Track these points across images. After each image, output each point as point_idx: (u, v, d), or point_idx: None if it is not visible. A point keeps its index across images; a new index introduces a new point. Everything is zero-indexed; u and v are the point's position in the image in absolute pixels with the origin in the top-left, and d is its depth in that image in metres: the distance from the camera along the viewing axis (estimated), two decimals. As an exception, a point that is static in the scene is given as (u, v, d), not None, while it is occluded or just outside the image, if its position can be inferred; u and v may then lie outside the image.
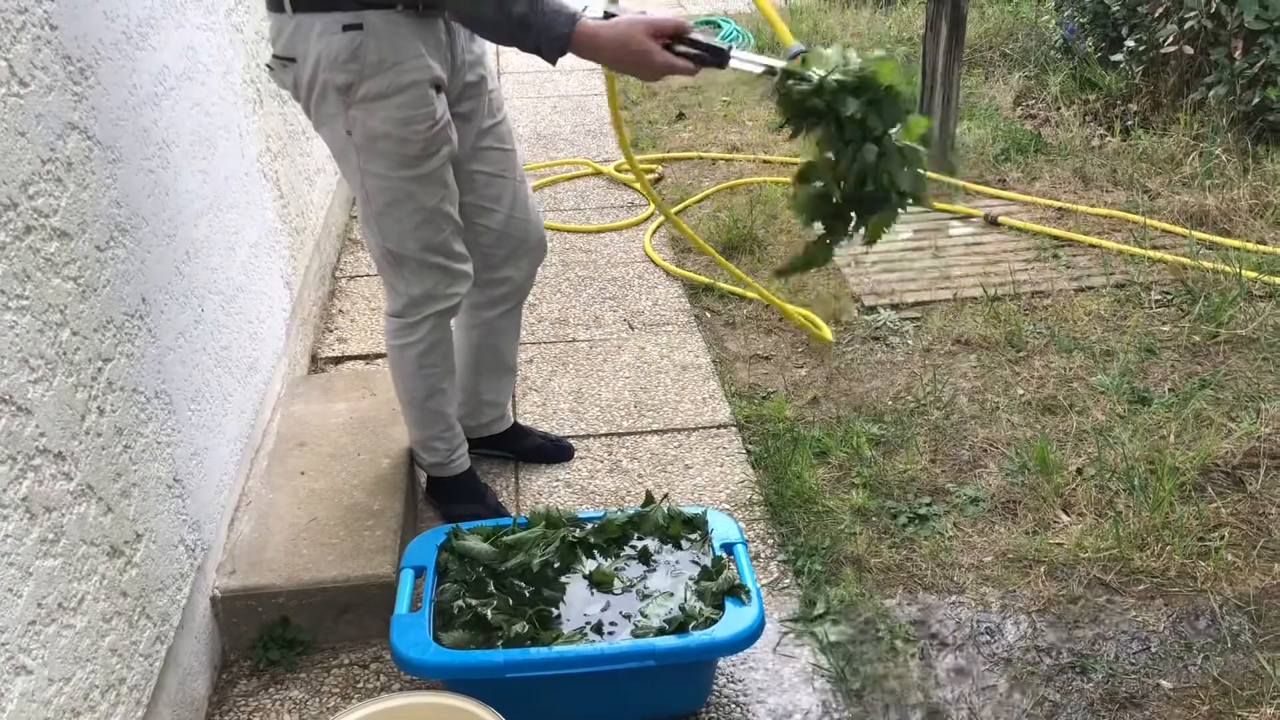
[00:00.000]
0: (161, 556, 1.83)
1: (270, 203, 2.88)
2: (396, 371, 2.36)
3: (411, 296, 2.24)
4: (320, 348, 3.35)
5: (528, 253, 2.43)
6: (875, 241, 1.90)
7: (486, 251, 2.37)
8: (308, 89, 2.01)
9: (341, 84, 1.97)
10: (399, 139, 2.02)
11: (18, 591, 1.34)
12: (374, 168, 2.07)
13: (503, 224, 2.34)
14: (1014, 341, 3.23)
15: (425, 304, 2.25)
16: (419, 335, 2.28)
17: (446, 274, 2.23)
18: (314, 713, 2.03)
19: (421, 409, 2.39)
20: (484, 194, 2.30)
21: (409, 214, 2.13)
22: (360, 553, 2.21)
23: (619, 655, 1.85)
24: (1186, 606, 2.23)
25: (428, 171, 2.08)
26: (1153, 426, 2.78)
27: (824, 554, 2.41)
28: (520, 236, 2.39)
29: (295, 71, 2.00)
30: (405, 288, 2.24)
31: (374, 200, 2.12)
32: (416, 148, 2.02)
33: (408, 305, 2.26)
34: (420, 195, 2.11)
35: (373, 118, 2.00)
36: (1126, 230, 3.92)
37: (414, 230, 2.15)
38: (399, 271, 2.22)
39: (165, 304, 1.96)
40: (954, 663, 2.13)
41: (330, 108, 2.02)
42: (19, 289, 1.41)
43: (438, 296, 2.24)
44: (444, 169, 2.12)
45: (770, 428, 2.89)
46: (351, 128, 2.03)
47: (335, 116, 2.03)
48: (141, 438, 1.79)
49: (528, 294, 2.52)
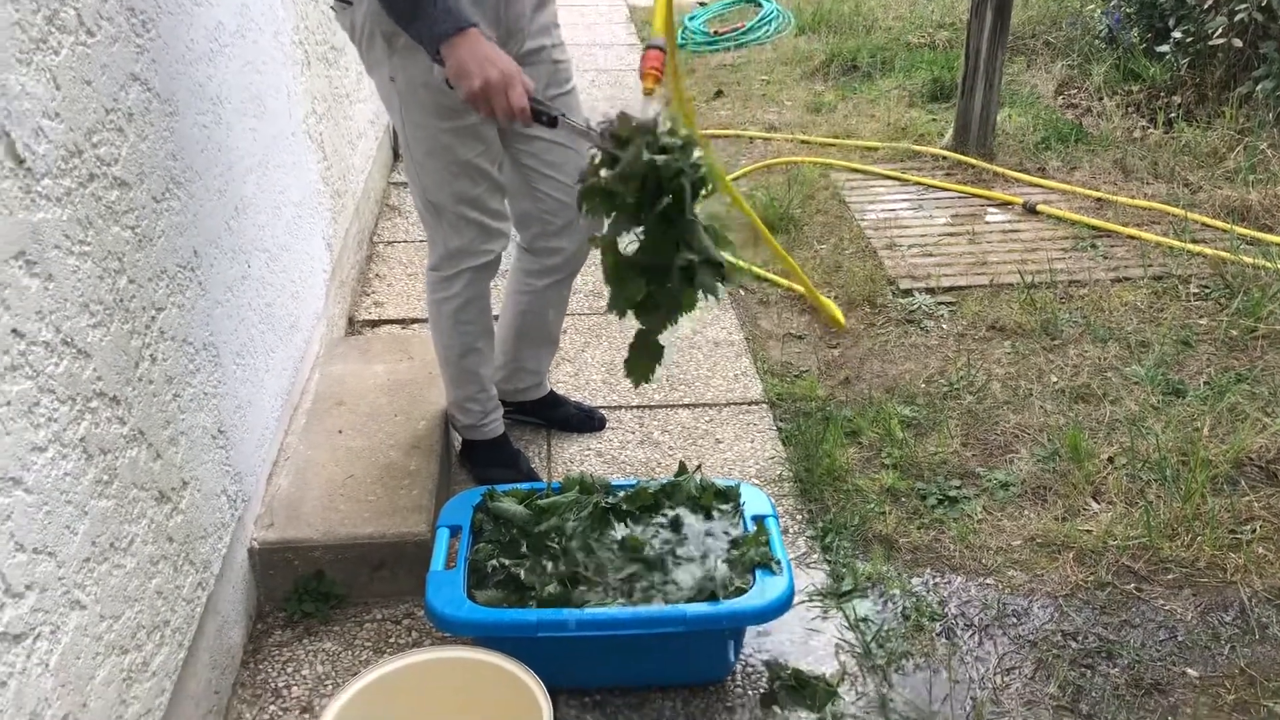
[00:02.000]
0: (205, 505, 1.87)
1: (314, 164, 2.91)
2: (434, 327, 2.40)
3: (449, 249, 2.28)
4: (357, 311, 3.39)
5: (584, 227, 2.44)
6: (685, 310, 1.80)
7: (545, 218, 2.40)
8: (360, 32, 2.07)
9: (386, 31, 2.01)
10: (437, 89, 2.05)
11: (74, 529, 1.37)
12: (414, 116, 2.12)
13: (562, 193, 2.35)
14: (1049, 329, 3.23)
15: (461, 258, 2.29)
16: (455, 290, 2.32)
17: (483, 230, 2.26)
18: (346, 665, 2.07)
19: (457, 367, 2.42)
20: (544, 159, 2.32)
21: (445, 165, 2.16)
22: (396, 511, 2.24)
23: (649, 620, 1.87)
24: (1215, 597, 2.23)
25: (466, 125, 2.11)
26: (1186, 418, 2.78)
27: (853, 531, 2.43)
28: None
29: (352, 14, 2.07)
30: (443, 240, 2.28)
31: (414, 148, 2.17)
32: (454, 99, 2.03)
33: (444, 258, 2.30)
34: (457, 148, 2.14)
35: (414, 66, 2.04)
36: (1166, 223, 3.90)
37: (450, 181, 2.18)
38: (438, 223, 2.26)
39: (215, 258, 1.99)
40: (979, 643, 2.14)
41: (377, 53, 2.07)
42: (82, 235, 1.43)
43: (473, 252, 2.28)
44: (484, 125, 2.14)
45: (802, 406, 2.90)
46: (395, 74, 2.08)
47: (381, 62, 2.09)
48: (190, 387, 1.82)
49: (579, 268, 2.53)
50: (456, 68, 1.88)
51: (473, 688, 1.75)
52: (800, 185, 4.23)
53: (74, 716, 1.35)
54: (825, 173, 4.46)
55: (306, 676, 2.05)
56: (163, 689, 1.64)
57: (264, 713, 1.97)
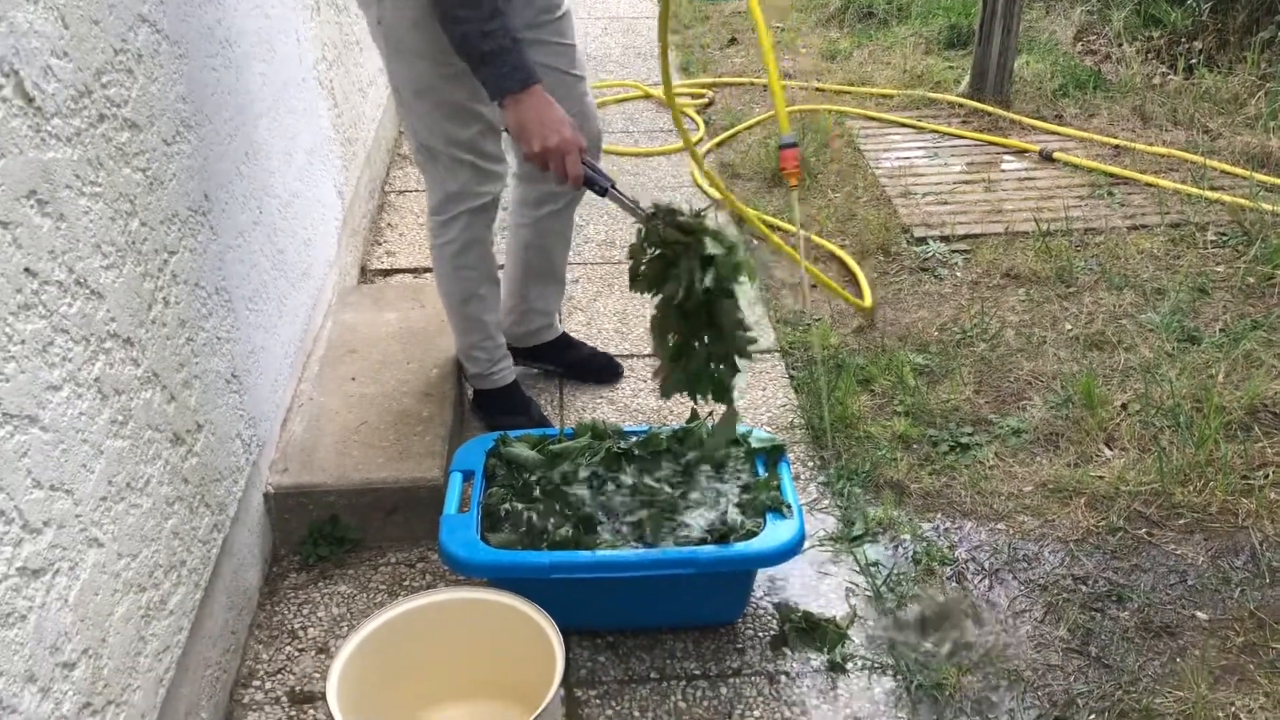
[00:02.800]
0: (220, 448, 1.89)
1: (325, 111, 2.89)
2: (436, 272, 2.41)
3: (447, 192, 2.27)
4: (369, 260, 3.39)
5: None
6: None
7: None
8: None
9: None
10: (428, 32, 2.02)
11: (90, 468, 1.39)
12: (404, 58, 2.11)
13: None
14: (1064, 277, 3.21)
15: (458, 200, 2.28)
16: (453, 234, 2.31)
17: (477, 172, 2.25)
18: (361, 607, 2.09)
19: (460, 313, 2.43)
20: None
21: (434, 106, 2.15)
22: (409, 456, 2.26)
23: (661, 562, 1.88)
24: (1226, 542, 2.23)
25: (457, 70, 2.07)
26: (1201, 365, 2.76)
27: (864, 477, 2.43)
28: None
29: None
30: (439, 184, 2.27)
31: (403, 91, 2.16)
32: (444, 43, 1.99)
33: (441, 201, 2.29)
34: (445, 89, 2.12)
35: (404, 7, 2.03)
36: (1184, 170, 3.85)
37: (440, 122, 2.17)
38: (434, 166, 2.25)
39: (226, 202, 1.99)
40: (990, 587, 2.15)
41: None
42: (92, 176, 1.43)
43: (468, 194, 2.27)
44: None
45: (814, 354, 2.89)
46: (383, 16, 2.07)
47: (370, 4, 2.08)
48: (203, 331, 1.83)
49: (579, 197, 2.52)
50: (518, 125, 1.93)
51: (487, 628, 1.77)
52: (815, 133, 4.19)
53: (94, 651, 1.37)
54: (840, 120, 4.42)
55: (322, 618, 2.07)
56: (180, 627, 1.66)
57: (280, 653, 1.99)
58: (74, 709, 1.31)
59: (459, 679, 1.81)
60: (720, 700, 1.89)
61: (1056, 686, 1.91)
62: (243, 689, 1.92)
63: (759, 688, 1.91)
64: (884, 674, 1.94)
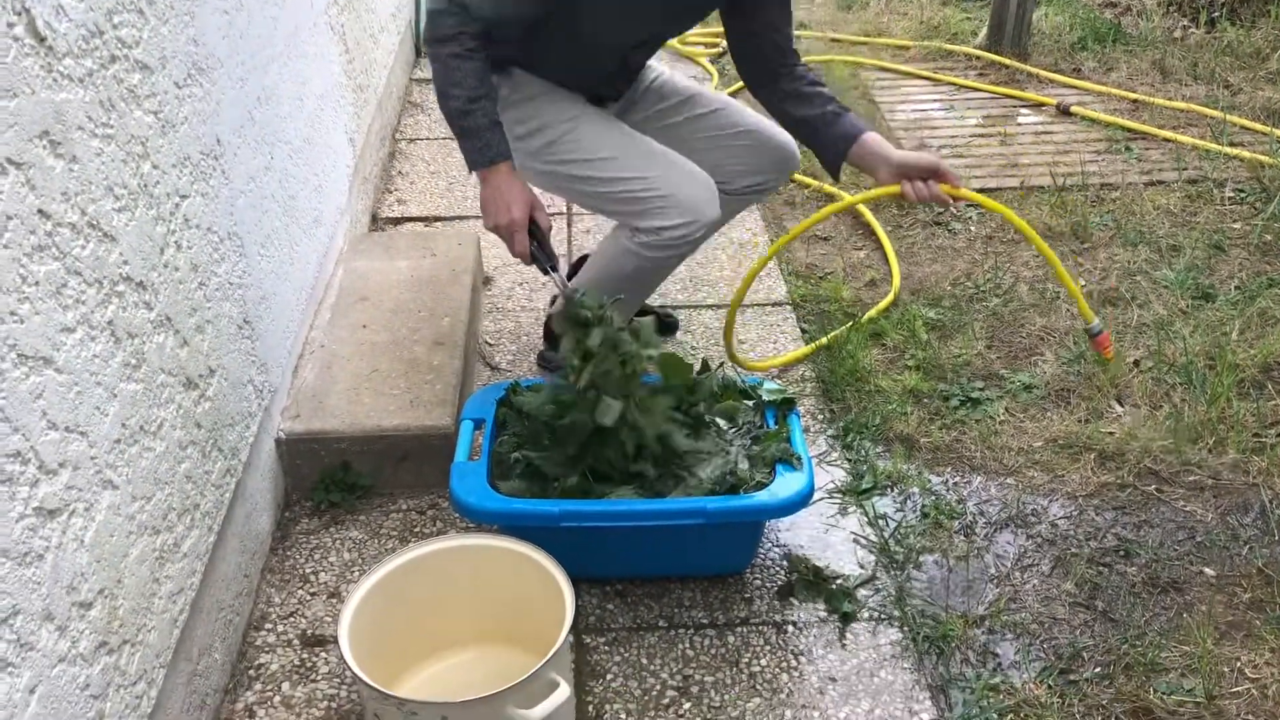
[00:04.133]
0: (232, 394, 1.89)
1: (336, 56, 2.87)
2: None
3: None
4: (380, 208, 3.38)
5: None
6: None
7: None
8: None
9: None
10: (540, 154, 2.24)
11: (104, 410, 1.39)
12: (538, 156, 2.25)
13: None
14: (1079, 233, 3.18)
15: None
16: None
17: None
18: (372, 552, 2.11)
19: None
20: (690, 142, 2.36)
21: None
22: (420, 404, 2.26)
23: (670, 512, 1.89)
24: (1236, 499, 2.24)
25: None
26: (1215, 323, 2.75)
27: (874, 431, 2.43)
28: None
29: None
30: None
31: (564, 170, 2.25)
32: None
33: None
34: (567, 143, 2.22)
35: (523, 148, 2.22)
36: (1203, 125, 3.81)
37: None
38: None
39: (238, 147, 1.97)
40: (998, 540, 2.16)
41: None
42: (104, 117, 1.42)
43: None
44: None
45: (825, 307, 2.89)
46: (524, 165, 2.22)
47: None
48: (215, 276, 1.82)
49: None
50: (482, 200, 2.08)
51: (497, 574, 1.79)
52: (830, 84, 4.14)
53: (109, 592, 1.38)
54: (855, 72, 4.37)
55: (334, 563, 2.09)
56: (194, 570, 1.68)
57: (292, 597, 2.01)
58: (90, 647, 1.33)
59: (469, 624, 1.83)
60: (728, 649, 1.90)
61: (1062, 639, 1.93)
62: (255, 631, 1.94)
63: (766, 637, 1.93)
64: (890, 625, 1.95)
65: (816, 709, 1.79)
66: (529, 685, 1.55)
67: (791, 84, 2.23)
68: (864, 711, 1.78)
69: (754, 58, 2.27)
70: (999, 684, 1.83)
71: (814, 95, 2.23)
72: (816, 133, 2.22)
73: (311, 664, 1.87)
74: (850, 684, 1.83)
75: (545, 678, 1.56)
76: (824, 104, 2.22)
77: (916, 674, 1.85)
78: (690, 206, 2.15)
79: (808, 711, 1.78)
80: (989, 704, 1.79)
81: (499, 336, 2.77)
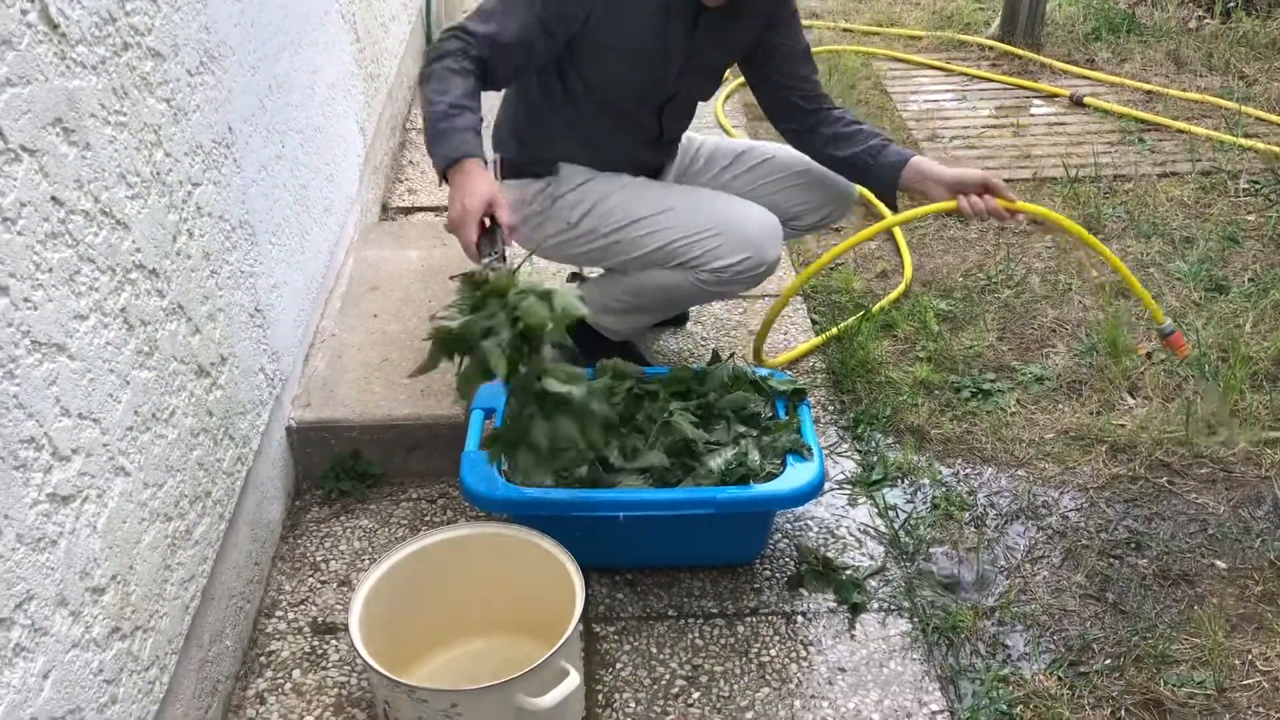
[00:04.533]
0: (244, 382, 1.90)
1: (347, 45, 2.87)
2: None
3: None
4: (391, 198, 3.38)
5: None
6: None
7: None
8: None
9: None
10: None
11: (117, 397, 1.40)
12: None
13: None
14: (1092, 224, 3.17)
15: None
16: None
17: None
18: (383, 541, 2.12)
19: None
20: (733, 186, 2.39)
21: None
22: (431, 393, 2.26)
23: (680, 501, 1.89)
24: (1249, 492, 2.23)
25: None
26: (1228, 315, 2.74)
27: (884, 422, 2.43)
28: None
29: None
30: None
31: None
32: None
33: None
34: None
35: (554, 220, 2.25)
36: (1218, 116, 3.79)
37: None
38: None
39: (249, 135, 1.98)
40: (1009, 532, 2.15)
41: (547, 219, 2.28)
42: (117, 105, 1.43)
43: None
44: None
45: (836, 299, 2.88)
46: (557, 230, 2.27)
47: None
48: (227, 265, 1.83)
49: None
50: (449, 200, 1.92)
51: (507, 563, 1.79)
52: (842, 75, 4.14)
53: (122, 577, 1.39)
54: (867, 62, 4.36)
55: (344, 551, 2.10)
56: (205, 557, 1.69)
57: (303, 584, 2.02)
58: (103, 632, 1.34)
59: (479, 613, 1.83)
60: (737, 638, 1.91)
61: (1072, 631, 1.92)
62: (266, 619, 1.95)
63: (776, 627, 1.93)
64: (900, 615, 1.95)
65: (825, 699, 1.79)
66: (539, 673, 1.55)
67: (830, 128, 2.26)
68: (873, 702, 1.78)
69: (788, 114, 2.31)
70: (1009, 675, 1.83)
71: (854, 133, 2.25)
72: (866, 169, 2.24)
73: (322, 651, 1.88)
74: (859, 674, 1.83)
75: (555, 666, 1.57)
76: (866, 139, 2.24)
77: (926, 665, 1.85)
78: (751, 243, 2.15)
79: (817, 702, 1.79)
80: (999, 695, 1.78)
81: (509, 326, 2.77)
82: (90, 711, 1.30)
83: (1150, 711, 1.77)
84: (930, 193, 2.19)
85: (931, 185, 2.19)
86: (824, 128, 2.27)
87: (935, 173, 2.19)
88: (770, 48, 2.23)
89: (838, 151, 2.26)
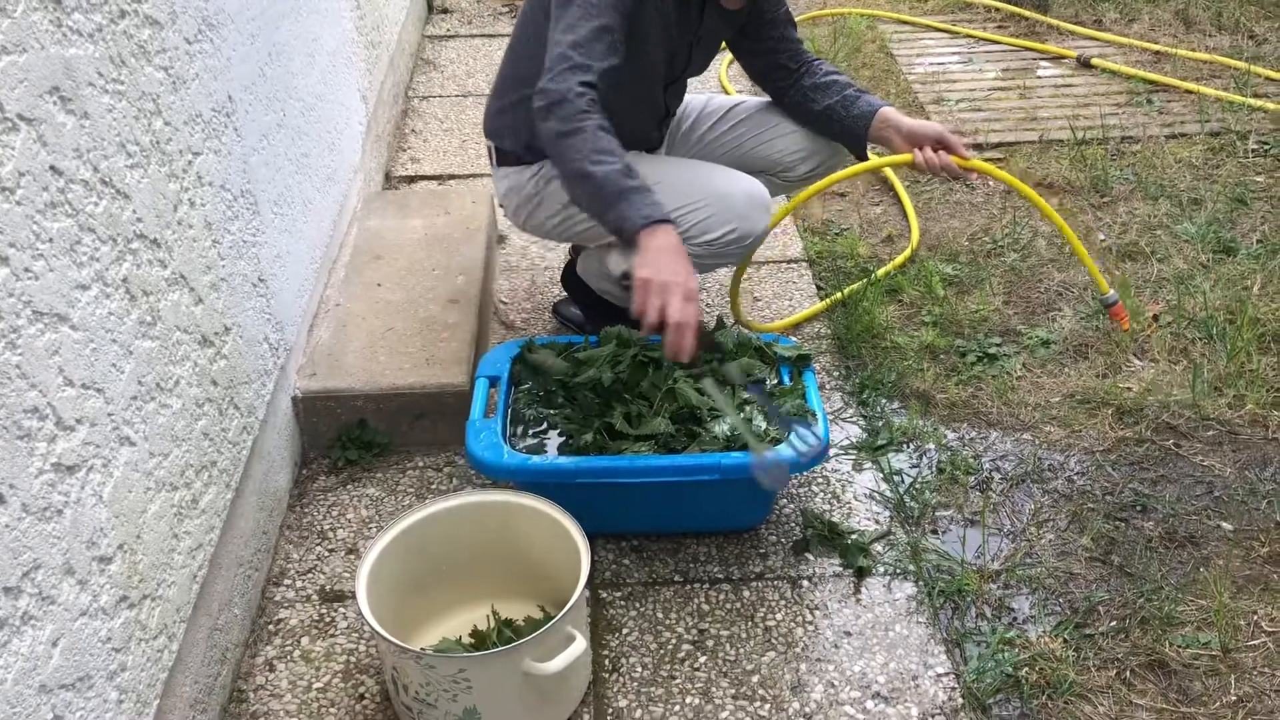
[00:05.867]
0: (248, 351, 1.90)
1: (348, 12, 2.85)
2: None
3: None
4: (394, 166, 3.36)
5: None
6: None
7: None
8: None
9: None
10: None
11: (120, 368, 1.40)
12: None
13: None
14: (1099, 186, 3.15)
15: None
16: None
17: None
18: (390, 510, 2.12)
19: None
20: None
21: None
22: (436, 362, 2.27)
23: (685, 468, 1.89)
24: (1255, 454, 2.22)
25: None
26: (1236, 277, 2.72)
27: (890, 387, 2.43)
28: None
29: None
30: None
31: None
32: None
33: None
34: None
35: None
36: (1227, 77, 3.75)
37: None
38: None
39: (250, 104, 1.96)
40: (1014, 495, 2.15)
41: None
42: (115, 73, 1.42)
43: None
44: None
45: (842, 264, 2.87)
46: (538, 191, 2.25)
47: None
48: (229, 234, 1.82)
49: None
50: (645, 262, 1.79)
51: (513, 530, 1.80)
52: (847, 37, 4.10)
53: (129, 547, 1.40)
54: (873, 24, 4.32)
55: (351, 520, 2.10)
56: (212, 526, 1.69)
57: (310, 553, 2.03)
58: (111, 601, 1.34)
59: (485, 579, 1.84)
60: (743, 603, 1.91)
61: (1078, 593, 1.93)
62: (274, 587, 1.96)
63: (781, 591, 1.93)
64: (905, 579, 1.95)
65: (831, 662, 1.80)
66: (546, 638, 1.56)
67: (811, 78, 2.31)
68: (879, 665, 1.79)
69: (777, 75, 2.34)
70: (1014, 638, 1.83)
71: (830, 84, 2.29)
72: (839, 119, 2.27)
73: (330, 619, 1.89)
74: (865, 638, 1.84)
75: (562, 631, 1.58)
76: (841, 90, 2.28)
77: (931, 628, 1.86)
78: (739, 214, 2.14)
79: (823, 665, 1.79)
80: (1004, 658, 1.79)
81: (514, 294, 2.77)
82: (100, 679, 1.31)
83: (1155, 672, 1.78)
84: (892, 141, 2.23)
85: (892, 134, 2.23)
86: (806, 78, 2.31)
87: (896, 121, 2.23)
88: (760, 15, 2.28)
89: (816, 103, 2.29)
